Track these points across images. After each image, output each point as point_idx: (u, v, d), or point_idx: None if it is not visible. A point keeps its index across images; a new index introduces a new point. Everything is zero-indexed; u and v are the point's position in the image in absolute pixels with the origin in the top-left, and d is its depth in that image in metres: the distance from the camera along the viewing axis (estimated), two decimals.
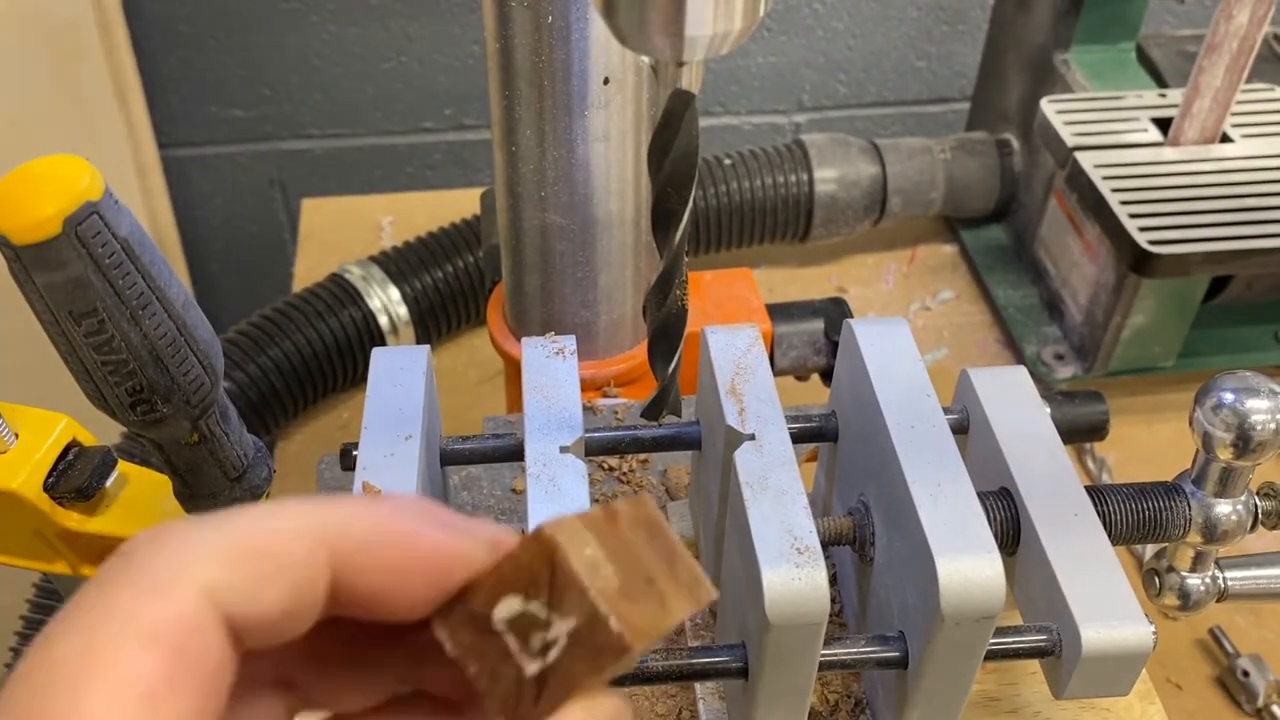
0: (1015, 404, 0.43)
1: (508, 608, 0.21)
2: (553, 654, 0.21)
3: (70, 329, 0.28)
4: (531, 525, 0.35)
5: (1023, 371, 0.45)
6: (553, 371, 0.42)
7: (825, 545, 0.42)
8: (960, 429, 0.45)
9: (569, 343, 0.43)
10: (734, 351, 0.43)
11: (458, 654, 0.22)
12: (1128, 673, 0.38)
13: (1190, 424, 0.42)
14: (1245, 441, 0.40)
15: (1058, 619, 0.38)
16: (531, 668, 0.21)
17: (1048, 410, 0.44)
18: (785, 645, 0.35)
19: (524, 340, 0.43)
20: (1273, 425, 0.40)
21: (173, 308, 0.29)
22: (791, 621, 0.35)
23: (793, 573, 0.35)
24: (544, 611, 0.21)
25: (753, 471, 0.38)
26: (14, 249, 0.26)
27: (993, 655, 0.39)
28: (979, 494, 0.42)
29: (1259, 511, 0.43)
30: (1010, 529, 0.41)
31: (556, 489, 0.37)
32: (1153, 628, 0.37)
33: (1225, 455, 0.41)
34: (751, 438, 0.39)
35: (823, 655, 0.38)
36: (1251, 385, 0.41)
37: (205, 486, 0.33)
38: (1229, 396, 0.40)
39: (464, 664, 0.22)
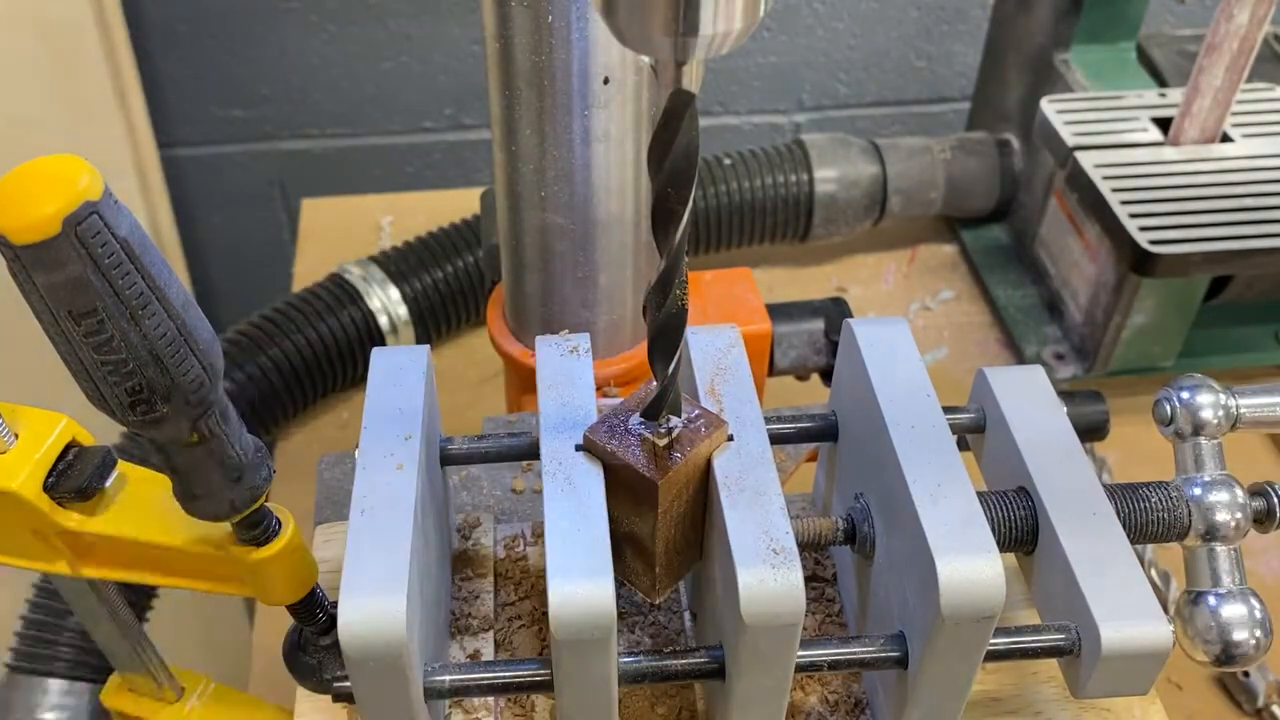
0: (1032, 403, 0.43)
1: (636, 419, 0.38)
2: (675, 433, 0.37)
3: (70, 329, 0.28)
4: (548, 522, 0.36)
5: (1039, 371, 0.45)
6: (567, 370, 0.42)
7: (805, 546, 0.42)
8: (977, 428, 0.45)
9: (583, 341, 0.43)
10: (714, 352, 0.43)
11: (611, 449, 0.37)
12: (1147, 671, 0.38)
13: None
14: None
15: (1076, 618, 0.38)
16: (662, 442, 0.37)
17: (1065, 409, 0.44)
18: (761, 646, 0.35)
19: (538, 339, 0.43)
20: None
21: (172, 308, 0.29)
22: (767, 622, 0.35)
23: (768, 573, 0.34)
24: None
25: (730, 473, 0.38)
26: (13, 249, 0.26)
27: (1011, 655, 0.39)
28: (997, 493, 0.42)
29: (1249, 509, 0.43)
30: (1028, 528, 0.41)
31: (572, 487, 0.37)
32: (1171, 626, 0.37)
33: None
34: (730, 439, 0.39)
35: (822, 655, 0.38)
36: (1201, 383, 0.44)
37: (205, 487, 0.33)
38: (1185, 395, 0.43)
39: (615, 453, 0.37)
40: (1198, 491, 0.42)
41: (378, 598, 0.33)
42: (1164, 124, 0.84)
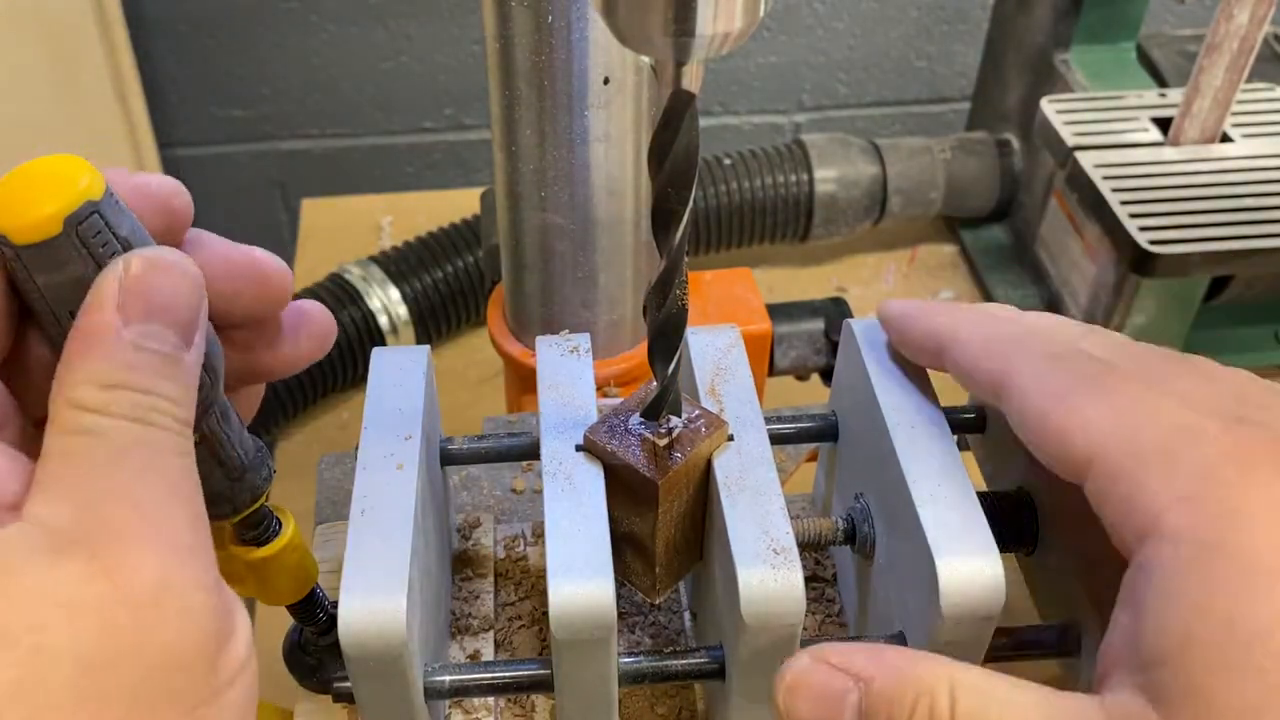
0: None
1: (636, 419, 0.37)
2: (675, 433, 0.37)
3: (70, 328, 0.28)
4: (548, 522, 0.36)
5: None
6: (568, 370, 0.42)
7: (805, 546, 0.42)
8: (977, 428, 0.45)
9: (584, 341, 0.43)
10: (714, 352, 0.43)
11: (611, 449, 0.37)
12: None
13: None
14: None
15: (1078, 617, 0.38)
16: (662, 442, 0.37)
17: None
18: (761, 646, 0.35)
19: (538, 339, 0.43)
20: None
21: None
22: (767, 622, 0.35)
23: (768, 574, 0.34)
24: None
25: (731, 472, 0.38)
26: (14, 249, 0.26)
27: (1013, 655, 0.39)
28: (998, 493, 0.42)
29: None
30: (1029, 528, 0.41)
31: (572, 486, 0.37)
32: None
33: None
34: (731, 439, 0.39)
35: None
36: None
37: (207, 487, 0.33)
38: None
39: (615, 453, 0.37)
40: None
41: (378, 598, 0.33)
42: (1164, 124, 0.84)
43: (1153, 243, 0.74)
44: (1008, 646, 0.39)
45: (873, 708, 0.30)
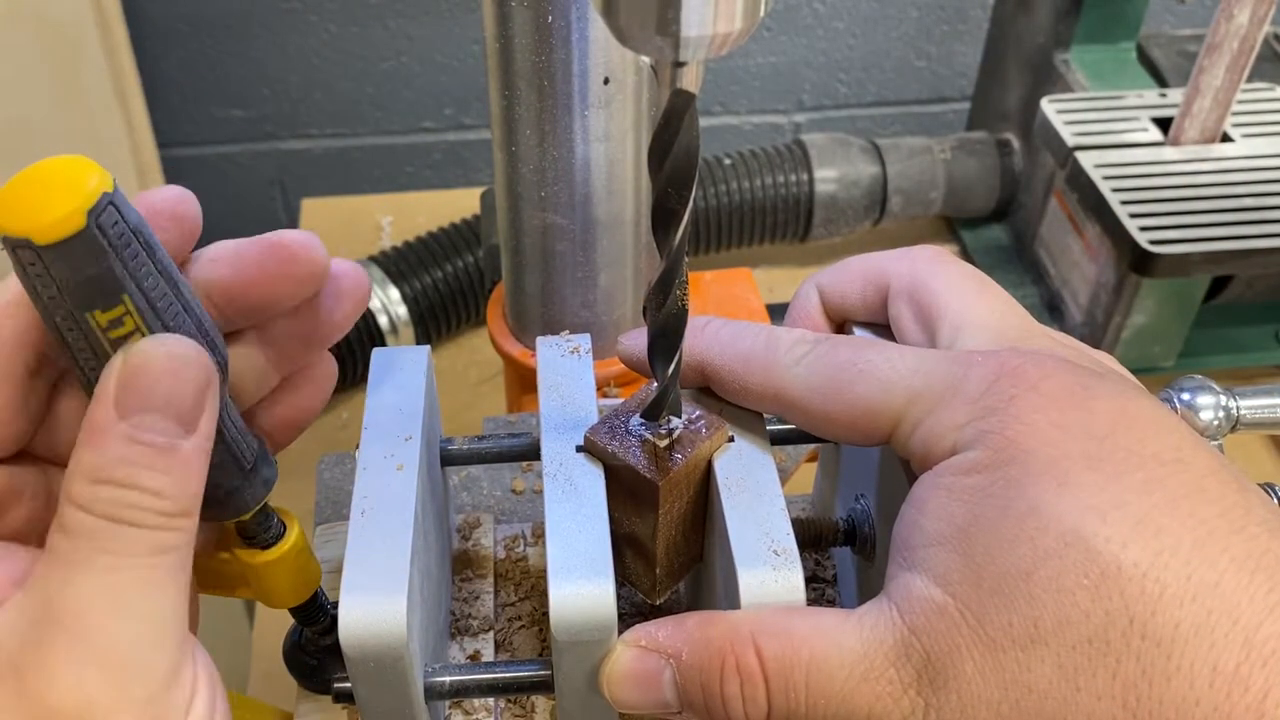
0: None
1: (636, 420, 0.37)
2: (675, 434, 0.37)
3: (92, 326, 0.27)
4: (549, 523, 0.36)
5: None
6: (568, 370, 0.42)
7: (805, 546, 0.42)
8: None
9: (584, 341, 0.43)
10: None
11: (612, 450, 0.36)
12: None
13: None
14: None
15: None
16: (663, 443, 0.36)
17: None
18: None
19: (538, 339, 0.43)
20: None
21: (184, 297, 0.29)
22: None
23: (769, 575, 0.34)
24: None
25: (731, 473, 0.38)
26: (36, 250, 0.26)
27: None
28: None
29: None
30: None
31: (573, 488, 0.37)
32: None
33: None
34: (731, 439, 0.39)
35: None
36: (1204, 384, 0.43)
37: (224, 482, 0.32)
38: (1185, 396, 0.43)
39: (615, 454, 0.36)
40: None
41: (378, 598, 0.33)
42: (1164, 124, 0.84)
43: (1153, 243, 0.74)
44: None
45: (687, 680, 0.31)
